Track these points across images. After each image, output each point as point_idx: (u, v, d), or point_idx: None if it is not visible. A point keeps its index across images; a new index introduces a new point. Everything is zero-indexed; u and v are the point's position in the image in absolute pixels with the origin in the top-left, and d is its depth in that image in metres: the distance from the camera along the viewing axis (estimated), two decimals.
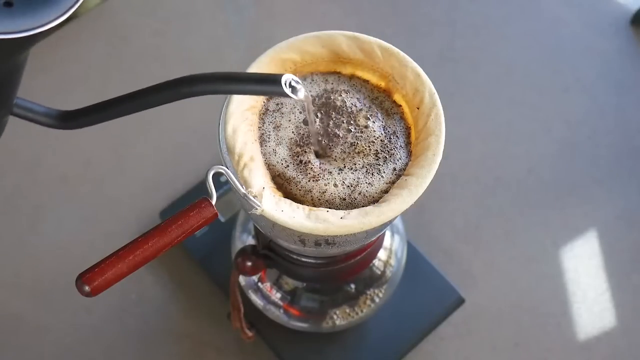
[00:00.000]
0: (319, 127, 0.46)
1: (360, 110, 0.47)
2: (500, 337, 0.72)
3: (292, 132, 0.46)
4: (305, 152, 0.45)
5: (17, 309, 0.73)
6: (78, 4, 0.32)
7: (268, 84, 0.36)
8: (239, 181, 0.42)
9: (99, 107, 0.41)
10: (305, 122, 0.47)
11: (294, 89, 0.37)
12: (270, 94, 0.37)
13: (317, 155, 0.46)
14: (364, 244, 0.52)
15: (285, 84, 0.36)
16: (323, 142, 0.46)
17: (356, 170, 0.45)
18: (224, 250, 0.71)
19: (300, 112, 0.47)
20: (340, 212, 0.42)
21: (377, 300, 0.67)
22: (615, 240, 0.77)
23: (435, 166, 0.44)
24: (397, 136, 0.47)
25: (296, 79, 0.37)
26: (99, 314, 0.73)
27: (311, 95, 0.48)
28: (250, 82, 0.37)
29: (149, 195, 0.78)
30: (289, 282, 0.65)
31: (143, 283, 0.74)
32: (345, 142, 0.46)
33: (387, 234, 0.67)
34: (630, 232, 0.77)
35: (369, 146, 0.46)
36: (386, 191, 0.45)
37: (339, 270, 0.59)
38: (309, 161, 0.45)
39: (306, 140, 0.46)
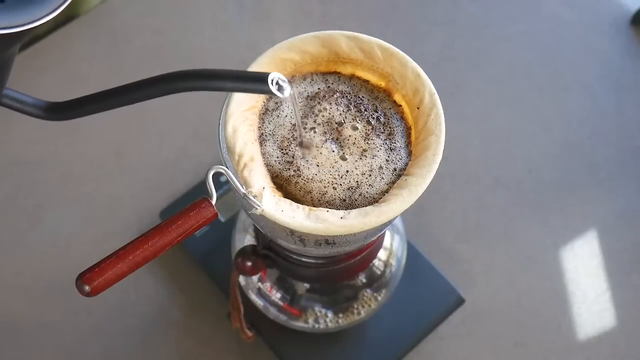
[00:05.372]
0: (302, 123, 0.46)
1: (360, 110, 0.47)
2: (500, 337, 0.72)
3: (287, 133, 0.46)
4: (298, 155, 0.45)
5: (17, 309, 0.73)
6: (68, 2, 0.33)
7: (254, 82, 0.37)
8: (239, 181, 0.42)
9: (85, 100, 0.41)
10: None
11: (280, 87, 0.37)
12: (257, 92, 0.38)
13: (301, 145, 0.46)
14: (364, 244, 0.52)
15: (271, 82, 0.37)
16: (304, 138, 0.46)
17: (357, 172, 0.45)
18: (224, 250, 0.71)
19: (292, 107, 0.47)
20: (340, 212, 0.42)
21: (377, 300, 0.67)
22: (615, 240, 0.77)
23: (435, 166, 0.44)
24: (397, 136, 0.47)
25: (283, 77, 0.37)
26: (99, 314, 0.73)
27: (310, 94, 0.48)
28: (237, 80, 0.37)
29: (149, 195, 0.78)
30: (289, 282, 0.66)
31: (143, 283, 0.74)
32: (345, 144, 0.46)
33: (387, 234, 0.67)
34: (630, 232, 0.77)
35: (369, 147, 0.46)
36: (386, 191, 0.45)
37: (339, 270, 0.59)
38: (304, 160, 0.45)
39: (297, 142, 0.46)
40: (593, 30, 0.89)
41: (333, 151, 0.46)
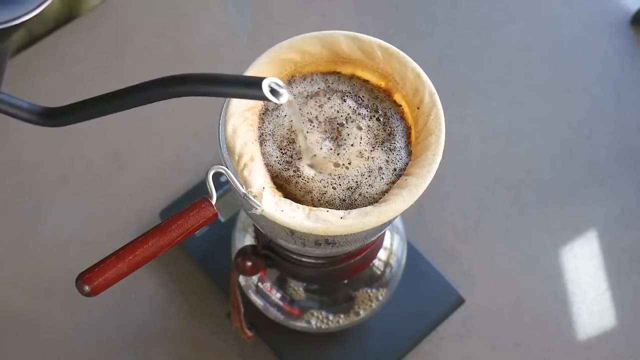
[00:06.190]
0: (306, 136, 0.45)
1: (360, 110, 0.47)
2: (500, 337, 0.72)
3: (286, 133, 0.46)
4: (298, 156, 0.45)
5: (17, 309, 0.73)
6: (49, 2, 0.32)
7: (248, 87, 0.35)
8: (239, 181, 0.42)
9: (81, 105, 0.40)
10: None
11: (275, 93, 0.35)
12: (252, 98, 0.35)
13: (312, 167, 0.45)
14: (364, 244, 0.52)
15: (266, 88, 0.34)
16: (314, 155, 0.45)
17: (356, 172, 0.45)
18: (224, 250, 0.71)
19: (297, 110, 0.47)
20: (340, 212, 0.42)
21: (377, 300, 0.67)
22: (615, 240, 0.77)
23: (435, 166, 0.44)
24: (397, 136, 0.47)
25: (279, 82, 0.35)
26: (99, 314, 0.73)
27: (310, 94, 0.47)
28: (231, 85, 0.35)
29: (149, 195, 0.78)
30: (289, 282, 0.66)
31: (143, 283, 0.74)
32: (346, 144, 0.46)
33: (387, 234, 0.67)
34: (630, 232, 0.77)
35: (369, 147, 0.46)
36: (386, 192, 0.45)
37: (339, 270, 0.59)
38: (302, 164, 0.45)
39: (296, 144, 0.46)
40: (593, 30, 0.89)
41: (332, 150, 0.46)
